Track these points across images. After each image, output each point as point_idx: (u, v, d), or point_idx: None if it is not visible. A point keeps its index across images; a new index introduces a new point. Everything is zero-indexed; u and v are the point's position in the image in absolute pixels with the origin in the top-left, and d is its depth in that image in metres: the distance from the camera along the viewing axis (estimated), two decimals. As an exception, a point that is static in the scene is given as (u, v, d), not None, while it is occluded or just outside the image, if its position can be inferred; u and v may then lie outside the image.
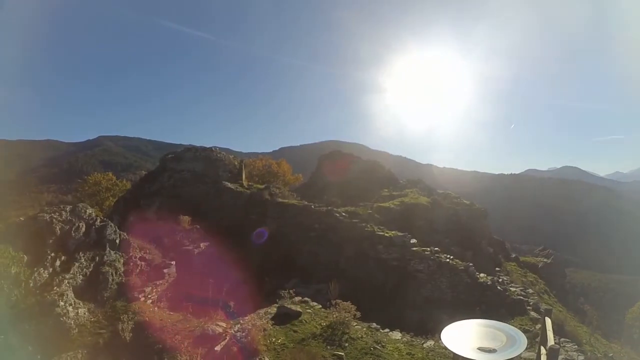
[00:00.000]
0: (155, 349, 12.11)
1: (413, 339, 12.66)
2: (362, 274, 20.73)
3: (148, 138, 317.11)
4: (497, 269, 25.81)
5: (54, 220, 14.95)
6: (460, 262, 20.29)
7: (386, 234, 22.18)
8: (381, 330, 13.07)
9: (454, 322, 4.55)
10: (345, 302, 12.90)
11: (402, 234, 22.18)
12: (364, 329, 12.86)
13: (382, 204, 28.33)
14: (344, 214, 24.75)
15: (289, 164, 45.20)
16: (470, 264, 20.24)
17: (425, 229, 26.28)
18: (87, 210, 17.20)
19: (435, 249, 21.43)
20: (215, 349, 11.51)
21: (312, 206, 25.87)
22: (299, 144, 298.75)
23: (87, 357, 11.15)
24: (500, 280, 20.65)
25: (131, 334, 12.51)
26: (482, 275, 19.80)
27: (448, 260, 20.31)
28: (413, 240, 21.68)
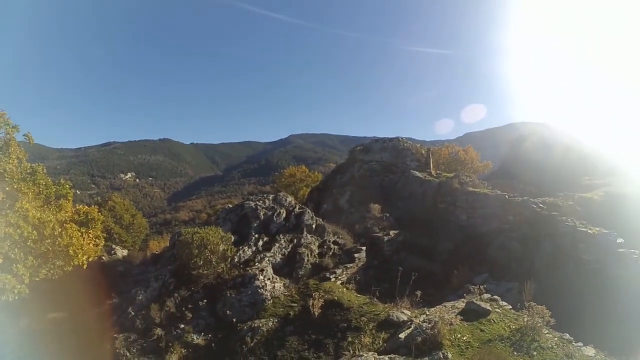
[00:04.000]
0: (340, 327, 12.80)
1: (607, 358, 10.22)
2: (557, 276, 17.74)
3: (334, 133, 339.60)
4: None
5: (259, 206, 17.32)
6: (675, 271, 15.89)
7: (589, 231, 18.49)
8: (574, 343, 10.90)
9: None
10: (539, 306, 11.21)
11: (607, 231, 18.23)
12: (555, 338, 10.99)
13: (583, 195, 23.68)
14: (541, 205, 21.49)
15: (476, 150, 41.83)
16: (688, 273, 15.69)
17: (634, 226, 21.01)
18: (287, 199, 19.40)
19: (647, 251, 17.01)
20: (399, 335, 11.36)
21: (506, 196, 23.29)
22: (484, 128, 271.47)
23: (277, 326, 12.52)
24: None
25: (319, 310, 13.58)
26: (701, 288, 15.50)
27: (660, 266, 16.07)
28: (619, 240, 17.72)
